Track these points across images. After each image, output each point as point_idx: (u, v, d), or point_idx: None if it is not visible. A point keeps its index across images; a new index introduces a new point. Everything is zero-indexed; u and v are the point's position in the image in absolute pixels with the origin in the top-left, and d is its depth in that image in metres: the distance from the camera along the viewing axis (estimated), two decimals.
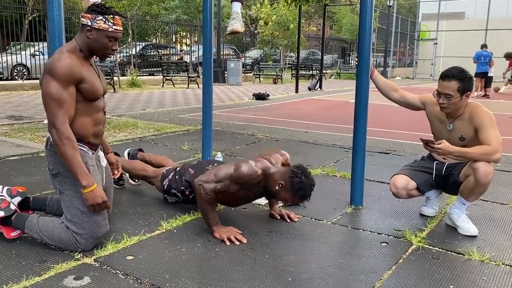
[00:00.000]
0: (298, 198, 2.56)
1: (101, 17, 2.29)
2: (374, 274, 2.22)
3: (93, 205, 2.30)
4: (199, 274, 2.17)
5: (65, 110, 2.23)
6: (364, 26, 3.02)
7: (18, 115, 7.51)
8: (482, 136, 2.63)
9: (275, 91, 14.20)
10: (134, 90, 13.24)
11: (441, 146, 2.58)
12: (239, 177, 2.57)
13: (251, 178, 2.57)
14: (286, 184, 2.54)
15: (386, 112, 8.80)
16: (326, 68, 22.07)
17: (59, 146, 2.21)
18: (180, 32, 25.06)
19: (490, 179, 2.60)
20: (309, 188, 2.54)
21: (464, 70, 2.72)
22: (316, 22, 37.71)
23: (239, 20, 3.69)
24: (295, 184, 2.51)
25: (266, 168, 2.63)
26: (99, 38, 2.31)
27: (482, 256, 2.43)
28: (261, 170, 2.59)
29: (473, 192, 2.68)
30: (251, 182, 2.59)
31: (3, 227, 2.46)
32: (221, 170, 2.64)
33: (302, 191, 2.52)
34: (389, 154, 5.05)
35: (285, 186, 2.54)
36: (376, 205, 3.26)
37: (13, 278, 2.08)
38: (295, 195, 2.54)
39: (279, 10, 21.64)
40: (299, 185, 2.51)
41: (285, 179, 2.55)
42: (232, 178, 2.59)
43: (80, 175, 2.24)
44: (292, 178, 2.52)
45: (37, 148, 4.89)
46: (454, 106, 2.71)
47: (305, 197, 2.55)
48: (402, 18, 29.93)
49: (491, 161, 2.59)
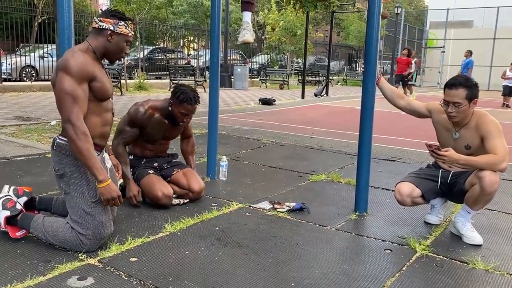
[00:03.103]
0: (185, 103, 3.07)
1: (123, 22, 2.40)
2: (377, 281, 2.21)
3: (108, 200, 2.32)
4: (202, 277, 2.17)
5: (79, 105, 2.25)
6: (371, 33, 3.03)
7: (26, 116, 7.57)
8: (488, 145, 2.62)
9: (281, 96, 14.22)
10: (141, 93, 13.30)
11: (447, 154, 2.57)
12: (131, 118, 3.15)
13: (138, 113, 3.13)
14: (173, 100, 3.12)
15: (392, 119, 8.78)
16: (332, 74, 22.06)
17: (75, 141, 2.23)
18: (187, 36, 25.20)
19: (496, 188, 2.59)
20: (190, 92, 3.08)
21: (469, 77, 2.74)
22: (323, 28, 37.78)
23: (250, 30, 3.75)
24: (177, 94, 3.08)
25: (153, 103, 3.20)
26: (119, 43, 2.41)
27: (487, 266, 2.42)
28: (147, 106, 3.15)
29: (479, 201, 2.67)
30: (142, 117, 3.13)
31: (9, 226, 2.48)
32: (119, 124, 3.21)
33: (185, 95, 3.06)
34: (394, 162, 5.04)
35: (174, 102, 3.11)
36: (380, 212, 3.25)
37: (17, 277, 2.09)
38: (182, 101, 3.07)
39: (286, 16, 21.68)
40: (180, 92, 3.08)
41: (171, 98, 3.14)
42: (128, 123, 3.16)
43: (96, 170, 2.27)
44: (173, 93, 3.11)
45: (43, 149, 4.92)
46: (463, 114, 2.71)
47: (190, 99, 3.07)
48: (409, 26, 29.89)
49: (497, 170, 2.58)
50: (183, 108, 3.10)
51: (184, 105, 3.09)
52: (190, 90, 3.10)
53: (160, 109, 3.18)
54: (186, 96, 3.06)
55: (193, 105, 3.11)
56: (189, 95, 3.07)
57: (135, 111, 3.15)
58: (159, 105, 3.19)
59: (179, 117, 3.15)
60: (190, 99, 3.07)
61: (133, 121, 3.16)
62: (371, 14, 3.02)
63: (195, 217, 2.98)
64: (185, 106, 3.09)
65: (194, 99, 3.09)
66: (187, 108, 3.11)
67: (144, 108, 3.15)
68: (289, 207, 3.20)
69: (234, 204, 3.28)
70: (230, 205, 3.26)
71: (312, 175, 4.22)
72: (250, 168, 4.43)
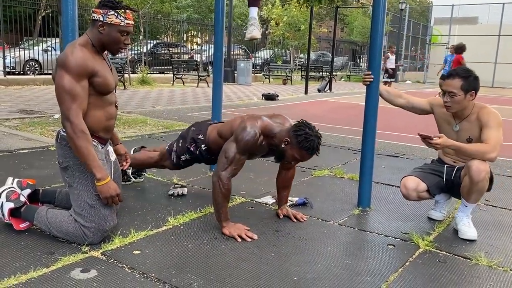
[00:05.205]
0: (305, 152, 2.54)
1: (113, 12, 2.30)
2: (380, 276, 2.21)
3: (107, 198, 2.32)
4: (205, 270, 2.17)
5: (78, 103, 2.25)
6: (376, 28, 3.01)
7: (29, 109, 7.58)
8: (484, 135, 2.64)
9: (284, 92, 14.20)
10: (144, 87, 13.31)
11: (438, 141, 2.57)
12: (244, 148, 2.59)
13: (254, 141, 2.58)
14: (291, 140, 2.55)
15: (395, 115, 8.75)
16: (336, 70, 22.02)
17: (73, 139, 2.23)
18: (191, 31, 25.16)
19: (484, 176, 2.58)
20: (315, 140, 2.53)
21: (469, 69, 2.74)
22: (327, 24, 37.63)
23: (257, 26, 3.71)
24: (300, 137, 2.51)
25: (265, 127, 2.64)
26: (111, 33, 2.33)
27: (490, 262, 2.41)
28: (259, 130, 2.60)
29: (471, 191, 2.66)
30: (255, 146, 2.61)
31: (12, 218, 2.49)
32: (227, 150, 2.64)
33: (308, 142, 2.50)
34: (397, 157, 5.03)
35: (291, 142, 2.55)
36: (383, 208, 3.25)
37: (21, 268, 2.10)
38: (302, 148, 2.52)
39: (290, 11, 21.64)
40: (304, 137, 2.50)
41: (289, 135, 2.55)
42: (239, 152, 2.60)
43: (95, 167, 2.26)
44: (296, 132, 2.53)
45: (47, 142, 4.93)
46: (458, 105, 2.71)
47: (312, 149, 2.53)
48: (414, 22, 29.74)
49: (486, 159, 2.59)
50: (300, 154, 2.56)
51: (303, 152, 2.54)
52: (315, 136, 2.53)
53: (270, 136, 2.64)
54: (310, 145, 2.51)
55: (312, 155, 2.60)
56: (314, 144, 2.52)
57: (249, 137, 2.56)
58: (272, 132, 2.63)
59: (289, 159, 2.63)
60: (313, 150, 2.53)
61: (246, 149, 2.60)
62: (376, 9, 3.00)
63: (198, 210, 2.98)
64: (304, 154, 2.55)
65: (317, 149, 2.56)
66: (305, 156, 2.58)
67: (256, 130, 2.59)
68: (292, 202, 3.20)
69: (237, 199, 3.28)
70: (233, 199, 3.26)
71: (315, 170, 4.22)
72: (253, 162, 4.42)
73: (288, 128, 2.62)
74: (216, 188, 2.60)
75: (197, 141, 3.00)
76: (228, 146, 2.66)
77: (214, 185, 2.61)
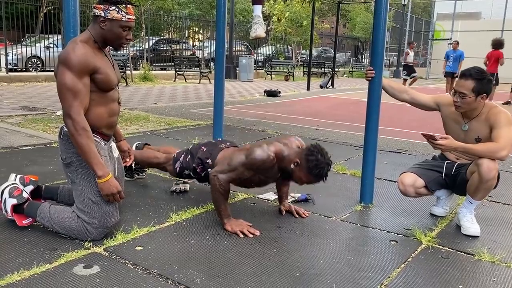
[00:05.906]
0: (313, 177, 2.53)
1: (114, 7, 2.29)
2: (383, 272, 2.21)
3: (108, 195, 2.32)
4: (207, 266, 2.18)
5: (80, 100, 2.24)
6: (378, 23, 3.00)
7: (32, 106, 7.59)
8: (494, 134, 2.61)
9: (286, 88, 14.18)
10: (146, 84, 13.30)
11: (444, 143, 2.55)
12: (252, 164, 2.57)
13: (264, 163, 2.56)
14: (301, 162, 2.53)
15: (398, 111, 8.73)
16: (338, 66, 21.95)
17: (75, 137, 2.23)
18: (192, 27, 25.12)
19: (494, 175, 2.56)
20: (325, 167, 2.51)
21: (483, 71, 2.67)
22: (329, 19, 37.53)
23: (262, 24, 3.69)
24: (311, 162, 2.49)
25: (279, 151, 2.61)
26: (113, 28, 2.32)
27: (493, 258, 2.41)
28: (273, 153, 2.57)
29: (479, 189, 2.64)
30: (264, 167, 2.59)
31: (15, 214, 2.50)
32: (234, 158, 2.64)
33: (318, 169, 2.49)
34: (400, 153, 5.02)
35: (301, 164, 2.54)
36: (386, 204, 3.24)
37: (24, 264, 2.11)
38: (310, 173, 2.51)
39: (292, 7, 21.58)
40: (315, 163, 2.49)
41: (301, 157, 2.55)
42: (246, 165, 2.59)
43: (96, 165, 2.26)
44: (307, 156, 2.51)
45: (49, 139, 4.94)
46: (467, 106, 2.68)
47: (320, 175, 2.52)
48: (416, 17, 29.62)
49: (496, 158, 2.56)
50: (307, 178, 2.56)
51: (310, 177, 2.55)
52: (326, 164, 2.52)
53: (282, 160, 2.61)
54: (319, 173, 2.51)
55: (319, 182, 2.60)
56: (323, 172, 2.51)
57: (262, 160, 2.55)
58: (284, 155, 2.61)
59: (295, 180, 2.64)
60: (321, 177, 2.54)
61: (252, 166, 2.59)
62: (379, 5, 2.98)
63: (200, 206, 2.99)
64: (311, 179, 2.56)
65: (325, 177, 2.55)
66: (312, 181, 2.58)
67: (270, 155, 2.56)
68: (294, 198, 3.20)
69: (239, 195, 3.28)
70: (235, 195, 3.26)
71: None
72: None
73: (300, 150, 2.61)
74: (214, 187, 2.60)
75: (204, 164, 2.96)
76: (236, 155, 2.66)
77: (212, 184, 2.61)
